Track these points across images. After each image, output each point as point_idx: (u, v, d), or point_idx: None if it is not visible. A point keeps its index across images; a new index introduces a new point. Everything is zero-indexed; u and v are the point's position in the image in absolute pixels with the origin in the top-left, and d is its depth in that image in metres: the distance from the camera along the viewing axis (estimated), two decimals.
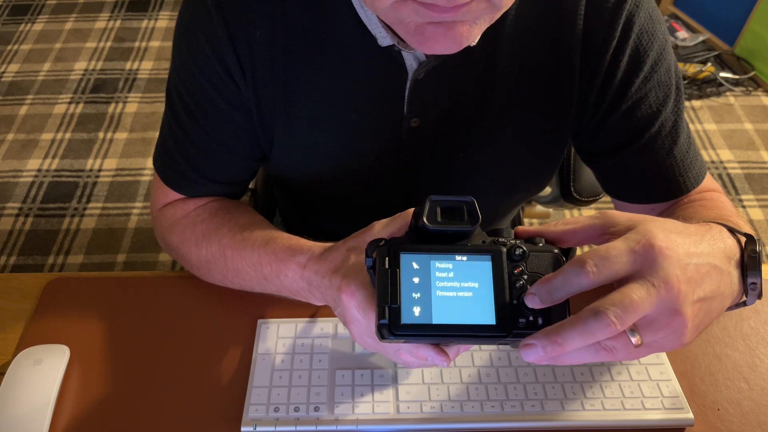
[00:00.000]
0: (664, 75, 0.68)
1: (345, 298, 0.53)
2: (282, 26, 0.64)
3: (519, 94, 0.68)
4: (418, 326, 0.47)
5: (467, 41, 0.51)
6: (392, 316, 0.46)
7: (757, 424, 0.62)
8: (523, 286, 0.48)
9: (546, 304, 0.46)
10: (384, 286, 0.47)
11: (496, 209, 0.86)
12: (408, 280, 0.47)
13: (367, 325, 0.53)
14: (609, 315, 0.43)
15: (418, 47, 0.52)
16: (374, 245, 0.49)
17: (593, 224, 0.50)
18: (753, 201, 1.93)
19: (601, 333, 0.43)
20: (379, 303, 0.47)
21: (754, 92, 2.28)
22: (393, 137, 0.70)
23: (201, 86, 0.67)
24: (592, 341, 0.44)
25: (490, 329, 0.47)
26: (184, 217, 0.73)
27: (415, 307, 0.47)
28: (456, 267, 0.48)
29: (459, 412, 0.61)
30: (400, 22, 0.51)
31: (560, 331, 0.44)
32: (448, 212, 0.49)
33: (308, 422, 0.60)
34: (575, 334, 0.43)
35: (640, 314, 0.44)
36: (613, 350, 0.45)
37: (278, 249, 0.64)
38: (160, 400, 0.63)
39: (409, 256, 0.48)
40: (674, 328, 0.45)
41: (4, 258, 1.78)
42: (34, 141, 2.11)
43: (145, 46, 2.50)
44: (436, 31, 0.50)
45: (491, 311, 0.47)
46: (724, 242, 0.50)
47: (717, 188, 0.75)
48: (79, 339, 0.68)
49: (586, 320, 0.43)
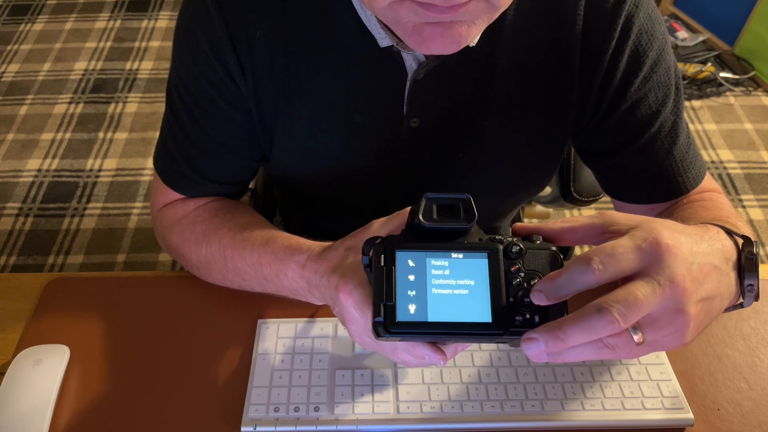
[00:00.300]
0: (664, 75, 0.68)
1: (343, 297, 0.53)
2: (282, 26, 0.64)
3: (519, 94, 0.68)
4: (413, 324, 0.47)
5: (466, 41, 0.51)
6: (387, 314, 0.46)
7: (757, 424, 0.62)
8: (520, 284, 0.48)
9: (551, 301, 0.46)
10: (380, 283, 0.47)
11: (496, 209, 0.86)
12: (403, 277, 0.47)
13: (365, 323, 0.53)
14: (613, 312, 0.42)
15: (416, 47, 0.52)
16: (370, 243, 0.49)
17: (592, 223, 0.50)
18: (753, 201, 1.93)
19: (604, 330, 0.43)
20: (374, 301, 0.47)
21: (754, 92, 2.28)
22: (393, 137, 0.70)
23: (201, 86, 0.67)
24: (594, 338, 0.44)
25: (487, 327, 0.47)
26: (184, 217, 0.73)
27: (411, 304, 0.47)
28: (452, 264, 0.48)
29: (459, 412, 0.61)
30: (398, 22, 0.51)
31: (563, 326, 0.44)
32: (445, 209, 0.48)
33: (308, 422, 0.60)
34: (577, 330, 0.43)
35: (644, 312, 0.44)
36: (615, 348, 0.45)
37: (278, 249, 0.64)
38: (160, 400, 0.63)
39: (404, 254, 0.48)
40: (677, 327, 0.45)
41: (4, 258, 1.78)
42: (34, 141, 2.11)
43: (145, 46, 2.50)
44: (434, 31, 0.50)
45: (487, 309, 0.47)
46: (721, 243, 0.50)
47: (716, 188, 0.75)
48: (79, 339, 0.68)
49: (589, 316, 0.43)
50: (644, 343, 0.45)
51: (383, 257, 0.48)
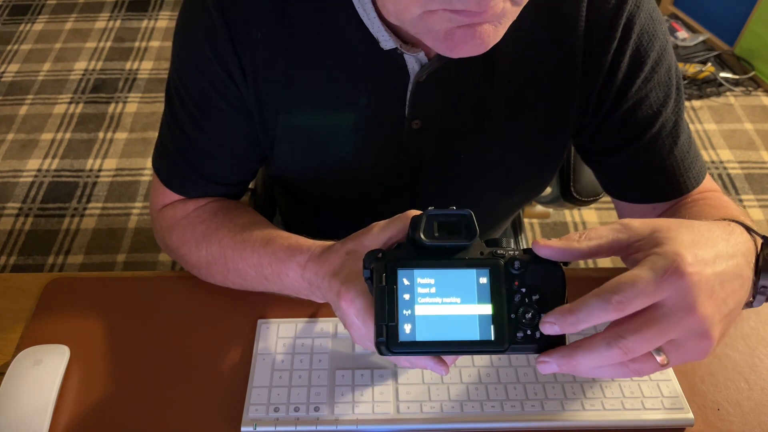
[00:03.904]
0: (665, 75, 0.68)
1: (345, 305, 0.53)
2: (283, 28, 0.64)
3: (520, 95, 0.68)
4: (416, 343, 0.47)
5: (493, 41, 0.51)
6: (390, 334, 0.46)
7: (757, 424, 0.62)
8: (521, 300, 0.48)
9: (565, 332, 0.45)
10: (381, 304, 0.47)
11: (497, 210, 0.86)
12: (405, 296, 0.47)
13: (367, 331, 0.53)
14: (626, 345, 0.43)
15: (447, 53, 0.52)
16: (372, 257, 0.49)
17: (618, 239, 0.48)
18: (753, 201, 1.93)
19: (617, 359, 0.44)
20: (376, 321, 0.47)
21: (754, 92, 2.28)
22: (394, 139, 0.70)
23: (201, 87, 0.67)
24: (606, 364, 0.45)
25: (488, 344, 0.47)
26: (184, 218, 0.73)
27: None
28: (454, 281, 0.48)
29: (459, 412, 0.61)
30: (429, 31, 0.51)
31: (575, 354, 0.45)
32: (446, 226, 0.48)
33: (308, 422, 0.60)
34: (589, 359, 0.44)
35: (664, 340, 0.44)
36: (641, 372, 0.45)
37: (278, 249, 0.64)
38: (160, 400, 0.63)
39: (406, 272, 0.48)
40: (701, 349, 0.45)
41: (4, 258, 1.78)
42: (34, 141, 2.11)
43: (145, 46, 2.50)
44: (466, 34, 0.49)
45: (489, 326, 0.47)
46: (746, 245, 0.50)
47: (716, 188, 0.75)
48: (79, 339, 0.68)
49: (599, 348, 0.44)
50: (668, 363, 0.45)
51: (385, 276, 0.47)
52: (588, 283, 0.48)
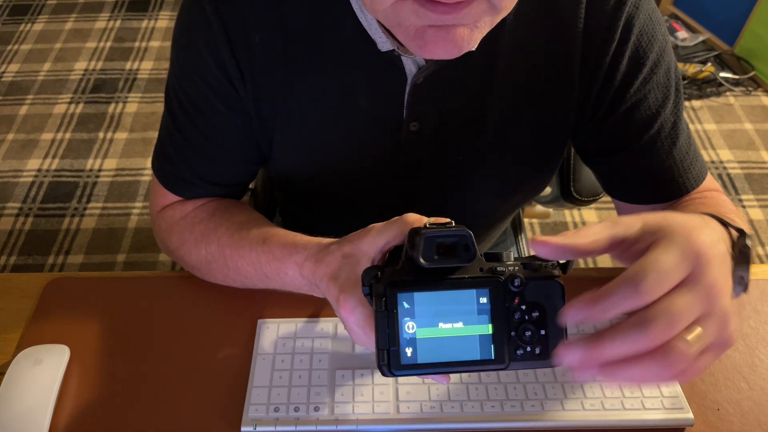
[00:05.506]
0: (664, 76, 0.68)
1: (344, 314, 0.53)
2: (281, 31, 0.63)
3: (518, 97, 0.68)
4: (418, 365, 0.47)
5: (468, 46, 0.51)
6: (392, 358, 0.46)
7: (757, 424, 0.62)
8: (522, 317, 0.47)
9: (591, 321, 0.43)
10: (383, 329, 0.47)
11: (496, 211, 0.86)
12: (406, 320, 0.47)
13: (367, 339, 0.52)
14: (656, 328, 0.41)
15: (417, 52, 0.51)
16: (370, 275, 0.48)
17: (615, 233, 0.47)
18: (753, 201, 1.93)
19: (645, 343, 0.41)
20: (378, 347, 0.46)
21: (754, 92, 2.28)
22: (392, 141, 0.70)
23: (199, 90, 0.67)
24: (633, 349, 0.41)
25: (489, 363, 0.47)
26: (183, 218, 0.73)
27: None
28: (454, 302, 0.48)
29: (459, 412, 0.61)
30: (400, 25, 0.50)
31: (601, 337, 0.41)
32: (444, 246, 0.48)
33: (308, 422, 0.60)
34: (617, 345, 0.41)
35: (692, 317, 0.42)
36: (685, 374, 0.43)
37: (275, 248, 0.64)
38: (160, 399, 0.63)
39: (406, 296, 0.47)
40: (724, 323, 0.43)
41: (4, 258, 1.78)
42: (34, 141, 2.11)
43: (145, 46, 2.50)
44: (437, 34, 0.49)
45: (489, 345, 0.47)
46: (722, 235, 0.50)
47: (718, 188, 0.75)
48: (79, 339, 0.68)
49: (627, 331, 0.41)
50: (702, 354, 0.43)
51: (385, 301, 0.47)
52: (588, 283, 0.48)
